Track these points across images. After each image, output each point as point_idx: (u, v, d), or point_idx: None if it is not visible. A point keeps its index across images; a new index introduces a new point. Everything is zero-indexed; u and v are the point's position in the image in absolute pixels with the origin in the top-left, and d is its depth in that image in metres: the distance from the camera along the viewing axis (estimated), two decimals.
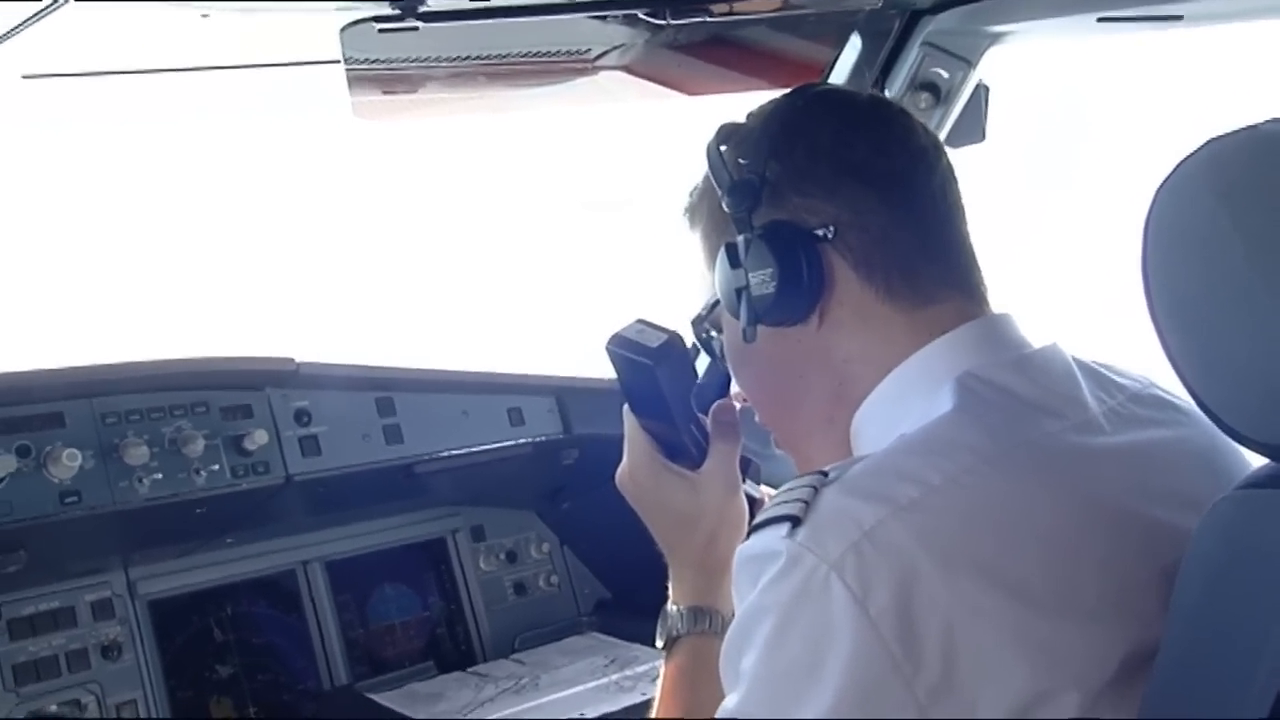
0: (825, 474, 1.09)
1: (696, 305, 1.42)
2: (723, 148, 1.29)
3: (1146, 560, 1.07)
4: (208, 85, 1.96)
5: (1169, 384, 1.21)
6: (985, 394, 1.16)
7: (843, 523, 1.03)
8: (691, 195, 1.37)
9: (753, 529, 1.10)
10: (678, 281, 1.45)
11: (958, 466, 1.07)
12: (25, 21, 1.46)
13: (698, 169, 1.36)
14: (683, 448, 1.43)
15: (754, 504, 1.49)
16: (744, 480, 1.48)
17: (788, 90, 1.35)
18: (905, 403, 1.19)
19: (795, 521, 1.05)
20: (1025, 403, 1.17)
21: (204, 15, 1.49)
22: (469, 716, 2.15)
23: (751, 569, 1.08)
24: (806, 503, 1.06)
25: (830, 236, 1.22)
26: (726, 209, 1.25)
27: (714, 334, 1.40)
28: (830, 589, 1.01)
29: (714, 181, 1.28)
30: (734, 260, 1.24)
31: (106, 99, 2.00)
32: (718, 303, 1.32)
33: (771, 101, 1.33)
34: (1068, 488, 1.11)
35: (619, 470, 1.46)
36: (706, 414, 1.45)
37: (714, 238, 1.32)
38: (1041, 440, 1.14)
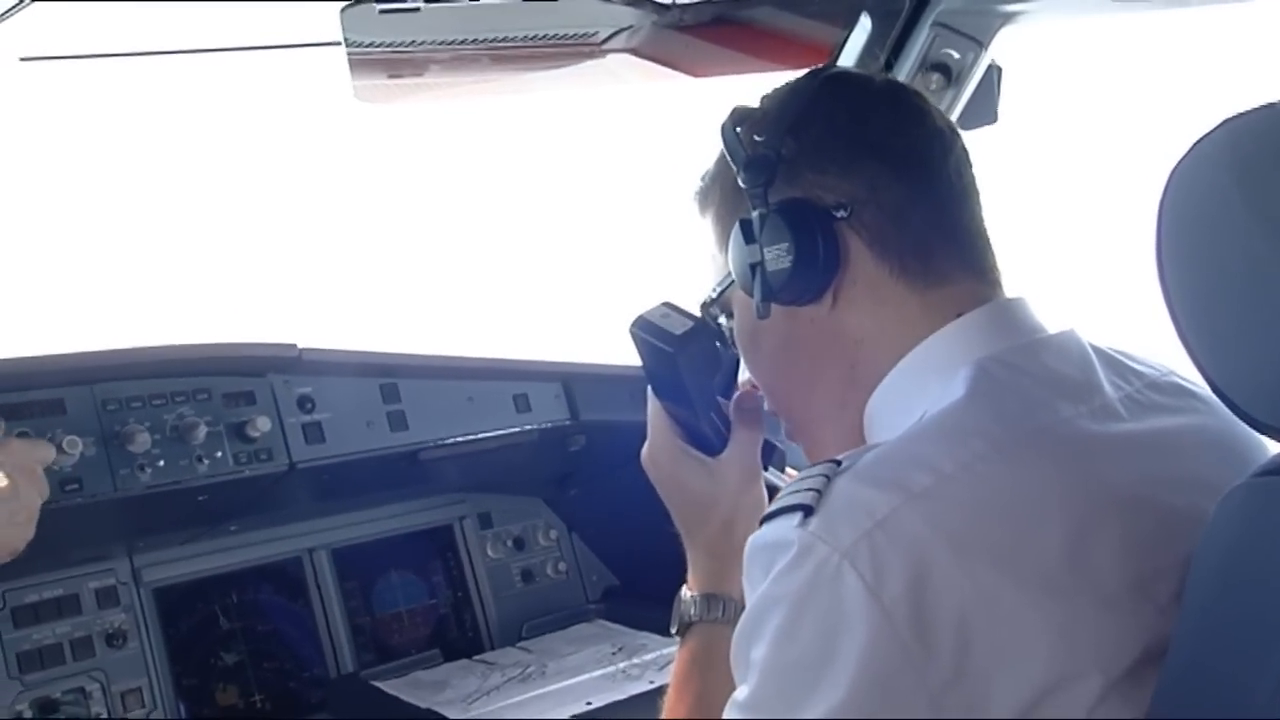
0: (838, 462, 1.08)
1: (705, 290, 1.40)
2: (738, 128, 1.28)
3: (1164, 548, 1.06)
4: (208, 68, 1.94)
5: (1189, 372, 1.19)
6: (1000, 379, 1.15)
7: (855, 511, 1.03)
8: (703, 179, 1.37)
9: (765, 518, 1.09)
10: (687, 266, 1.42)
11: (971, 454, 1.07)
12: (21, 2, 1.44)
13: (707, 154, 1.35)
14: (702, 435, 1.42)
15: (775, 492, 1.47)
16: (767, 468, 1.47)
17: (801, 73, 1.34)
18: (920, 388, 1.18)
19: (808, 511, 1.04)
20: (1040, 388, 1.16)
21: None
22: (474, 706, 2.14)
23: (763, 558, 1.07)
24: (819, 492, 1.05)
25: (846, 214, 1.21)
26: (743, 184, 1.25)
27: (724, 319, 1.39)
28: (843, 578, 1.00)
29: (730, 159, 1.27)
30: (749, 236, 1.24)
31: (106, 82, 1.99)
32: (729, 285, 1.32)
33: (786, 84, 1.33)
34: (1082, 475, 1.09)
35: (643, 450, 1.46)
36: (729, 399, 1.44)
37: (727, 218, 1.31)
38: (1057, 427, 1.13)
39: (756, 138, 1.26)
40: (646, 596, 1.47)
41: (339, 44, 1.72)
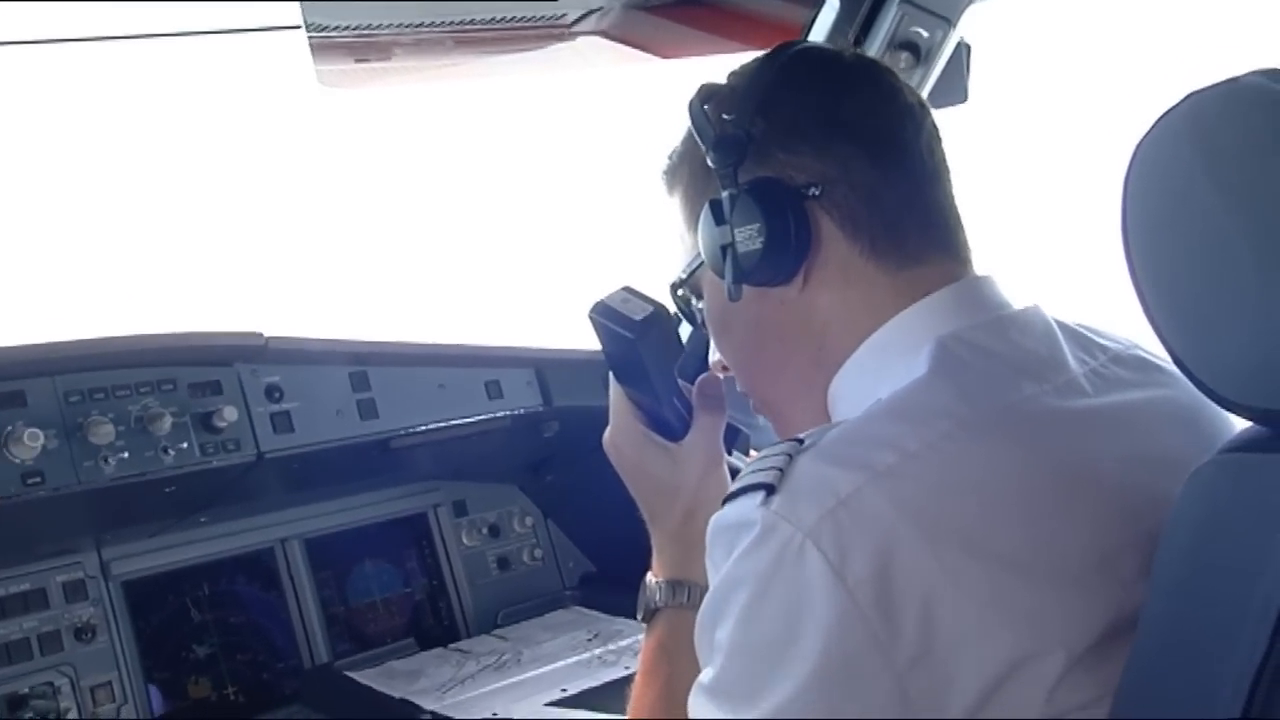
0: (800, 441, 1.07)
1: (674, 271, 1.38)
2: (706, 105, 1.26)
3: (1128, 524, 1.06)
4: (171, 53, 1.92)
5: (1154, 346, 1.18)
6: (963, 356, 1.14)
7: (818, 490, 1.02)
8: (671, 157, 1.35)
9: (727, 498, 1.08)
10: (656, 249, 1.41)
11: (935, 432, 1.06)
12: None
13: (674, 133, 1.32)
14: (664, 420, 1.41)
15: (738, 476, 1.46)
16: (730, 451, 1.46)
17: (769, 49, 1.31)
18: (883, 367, 1.17)
19: (770, 490, 1.03)
20: (1005, 365, 1.15)
21: None
22: (448, 694, 2.13)
23: (725, 538, 1.06)
24: (781, 470, 1.04)
25: (817, 194, 1.20)
26: (712, 164, 1.23)
27: (693, 300, 1.37)
28: (806, 558, 0.99)
29: (698, 138, 1.25)
30: (719, 217, 1.22)
31: (66, 68, 1.96)
32: (698, 266, 1.30)
33: (754, 60, 1.30)
34: (1047, 452, 1.09)
35: (605, 434, 1.44)
36: (692, 383, 1.43)
37: (696, 198, 1.29)
38: (1020, 404, 1.12)
39: (725, 116, 1.24)
40: (622, 582, 1.46)
41: (299, 28, 1.70)
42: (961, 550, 1.00)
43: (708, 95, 1.28)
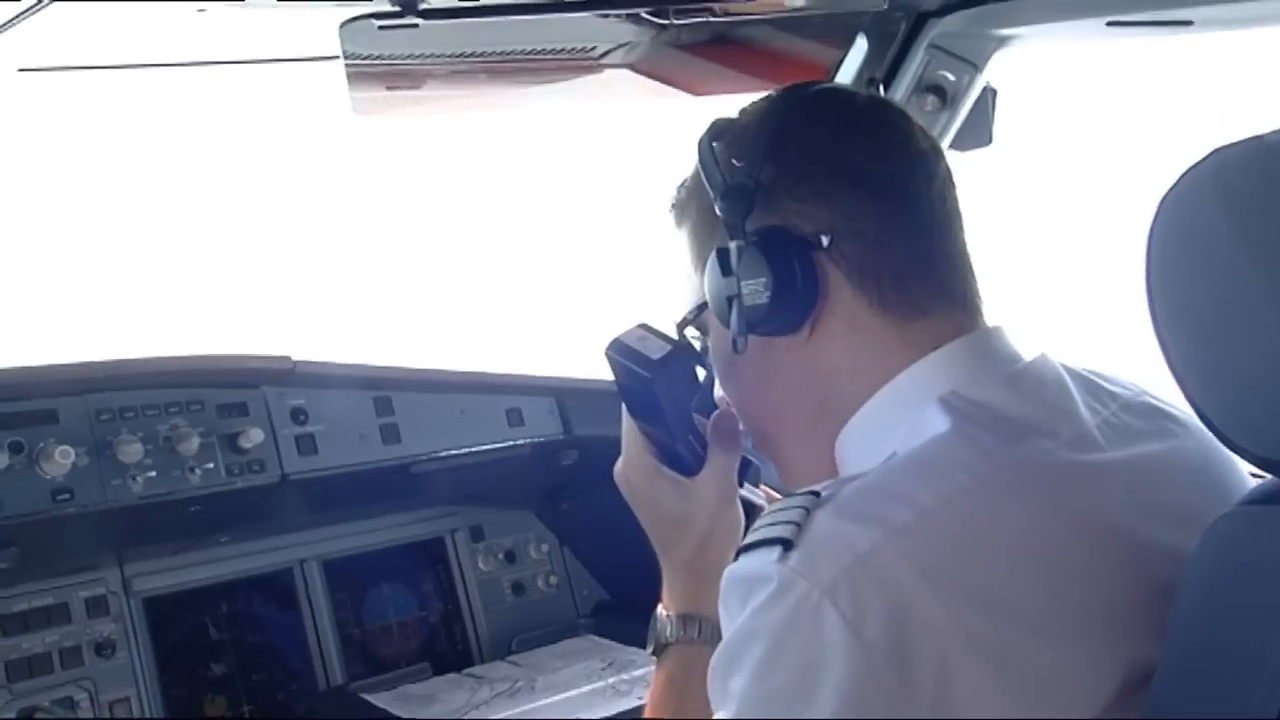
0: (816, 494, 1.06)
1: (681, 304, 1.37)
2: (715, 144, 1.25)
3: (1142, 579, 1.05)
4: (204, 81, 1.95)
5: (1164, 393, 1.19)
6: (977, 415, 1.13)
7: (835, 547, 1.01)
8: (680, 191, 1.33)
9: (742, 549, 1.07)
10: (670, 282, 1.41)
11: (952, 488, 1.05)
12: (20, 14, 1.44)
13: (687, 164, 1.31)
14: (678, 456, 1.40)
15: (751, 509, 1.47)
16: (742, 484, 1.46)
17: (783, 88, 1.31)
18: (892, 421, 1.16)
19: (787, 545, 1.02)
20: (1018, 420, 1.14)
21: (200, 10, 1.48)
22: (462, 718, 2.14)
23: (741, 590, 1.05)
24: (798, 525, 1.03)
25: (826, 244, 1.18)
26: (719, 214, 1.22)
27: (700, 335, 1.36)
28: (823, 615, 0.98)
29: (706, 182, 1.24)
30: (725, 268, 1.20)
31: (104, 94, 1.99)
32: (704, 305, 1.29)
33: (767, 98, 1.29)
34: (1063, 508, 1.08)
35: (616, 466, 1.43)
36: (708, 416, 1.42)
37: (703, 237, 1.28)
38: (1036, 458, 1.12)
39: (735, 161, 1.22)
40: (637, 611, 1.46)
41: (337, 58, 1.72)
42: (977, 611, 1.00)
43: (718, 133, 1.27)
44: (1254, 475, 1.17)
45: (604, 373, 1.42)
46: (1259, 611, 0.94)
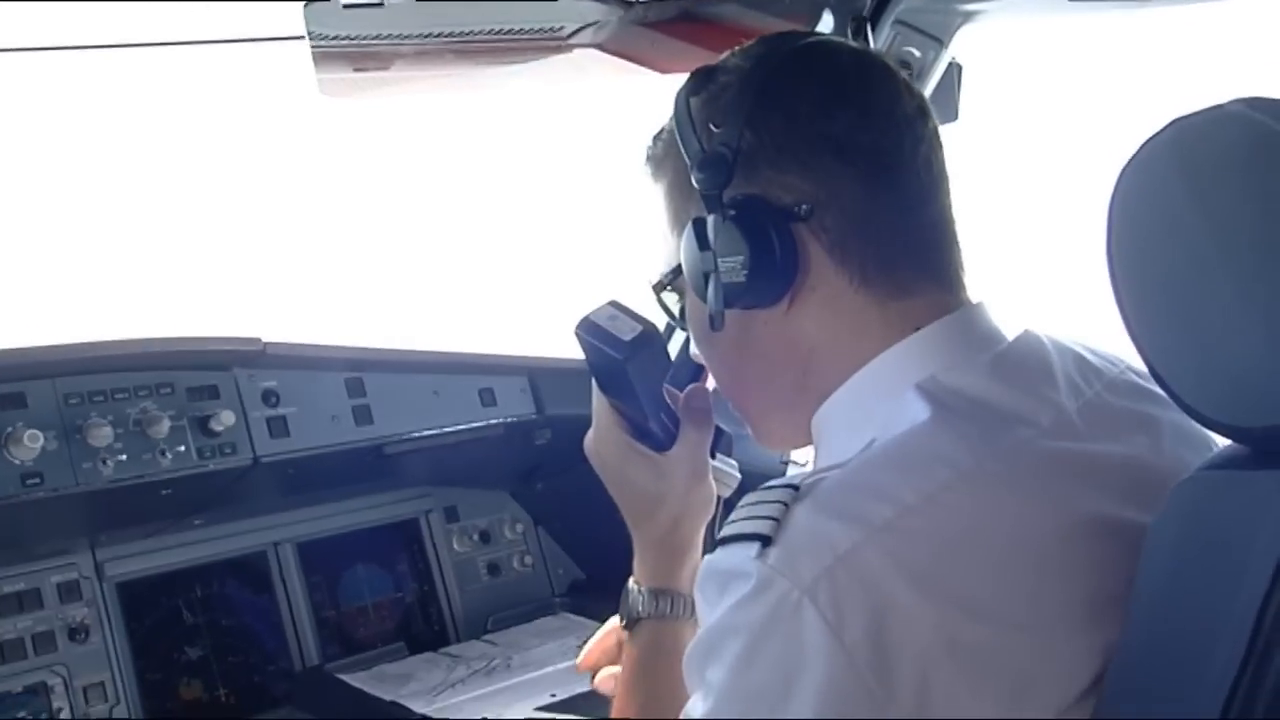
0: (795, 487, 1.05)
1: (658, 262, 1.32)
2: (693, 100, 1.21)
3: (1123, 565, 1.04)
4: (173, 62, 1.94)
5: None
6: (958, 400, 1.11)
7: (816, 545, 0.99)
8: (656, 144, 1.28)
9: (719, 541, 1.06)
10: (647, 237, 1.35)
11: (933, 484, 1.04)
12: None
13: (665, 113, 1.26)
14: (650, 432, 1.39)
15: (721, 478, 1.47)
16: (714, 456, 1.46)
17: (768, 38, 1.25)
18: (870, 406, 1.14)
19: (765, 541, 1.01)
20: (998, 408, 1.12)
21: None
22: (439, 698, 2.14)
23: (718, 582, 1.04)
24: (776, 520, 1.02)
25: (806, 216, 1.15)
26: (696, 185, 1.17)
27: (676, 298, 1.32)
28: (803, 615, 0.98)
29: (683, 149, 1.20)
30: (702, 242, 1.17)
31: (70, 75, 1.98)
32: (680, 269, 1.25)
33: (749, 54, 1.23)
34: (1043, 500, 1.07)
35: (586, 438, 1.42)
36: (681, 390, 1.42)
37: (680, 201, 1.24)
38: (1017, 448, 1.10)
39: (713, 126, 1.18)
40: (612, 590, 1.47)
41: (302, 38, 1.72)
42: (958, 611, 0.99)
43: (697, 87, 1.22)
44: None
45: (576, 351, 1.41)
46: (1219, 574, 0.95)
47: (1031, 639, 1.01)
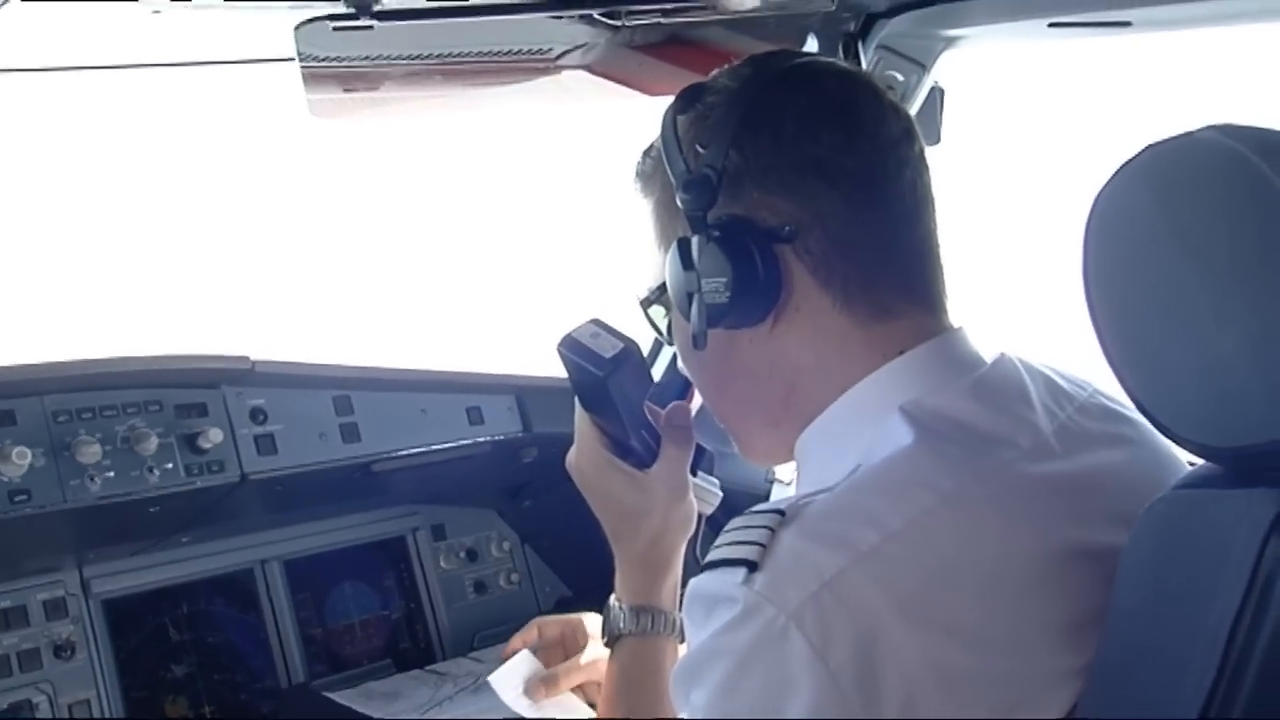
0: (781, 512, 1.06)
1: (645, 276, 1.34)
2: (680, 119, 1.22)
3: (1102, 586, 1.05)
4: (164, 82, 1.95)
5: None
6: (940, 426, 1.13)
7: (802, 571, 1.01)
8: (646, 160, 1.30)
9: (706, 565, 1.07)
10: (634, 251, 1.36)
11: (917, 508, 1.05)
12: None
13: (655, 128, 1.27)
14: (631, 449, 1.41)
15: (702, 495, 1.48)
16: (695, 473, 1.47)
17: (756, 58, 1.27)
18: (854, 431, 1.15)
19: (751, 566, 1.02)
20: (980, 431, 1.13)
21: (155, 11, 1.48)
22: (425, 716, 2.15)
23: (704, 605, 1.05)
24: (763, 546, 1.02)
25: (789, 237, 1.16)
26: (681, 206, 1.19)
27: (663, 313, 1.33)
28: (789, 640, 0.99)
29: (669, 169, 1.21)
30: (687, 262, 1.18)
31: (61, 95, 1.99)
32: (665, 293, 1.26)
33: (739, 72, 1.24)
34: (1025, 523, 1.08)
35: (568, 455, 1.43)
36: (662, 408, 1.43)
37: (666, 219, 1.26)
38: (998, 471, 1.11)
39: (699, 147, 1.19)
40: (598, 607, 1.48)
41: (292, 59, 1.73)
42: (943, 634, 1.00)
43: (684, 105, 1.23)
44: (1192, 465, 1.20)
45: (563, 370, 1.43)
46: (1193, 591, 0.96)
47: (1014, 662, 1.02)
